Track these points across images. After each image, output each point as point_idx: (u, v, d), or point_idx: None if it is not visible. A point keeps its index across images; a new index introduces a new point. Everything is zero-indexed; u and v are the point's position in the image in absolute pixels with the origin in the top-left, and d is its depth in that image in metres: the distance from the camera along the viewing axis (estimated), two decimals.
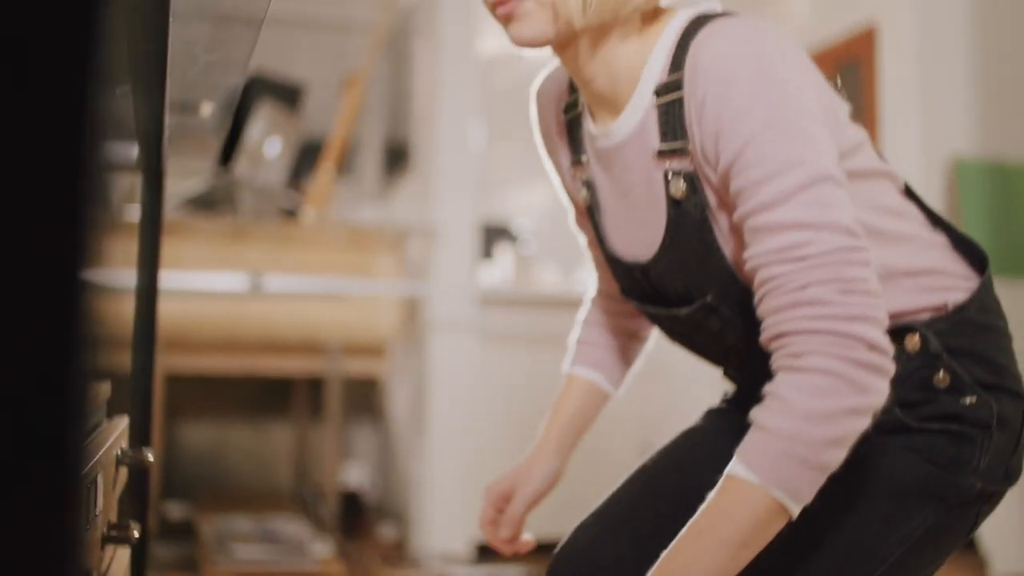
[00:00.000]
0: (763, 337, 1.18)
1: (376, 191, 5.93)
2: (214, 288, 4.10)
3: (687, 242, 1.31)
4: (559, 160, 1.55)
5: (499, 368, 4.53)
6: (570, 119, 1.49)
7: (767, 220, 1.16)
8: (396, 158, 5.70)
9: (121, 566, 1.57)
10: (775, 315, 1.15)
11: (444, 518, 4.45)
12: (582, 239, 1.64)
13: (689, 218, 1.29)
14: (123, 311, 2.11)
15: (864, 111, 4.77)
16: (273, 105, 4.69)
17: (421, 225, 4.66)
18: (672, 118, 1.27)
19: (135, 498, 1.81)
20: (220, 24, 1.17)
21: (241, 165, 4.64)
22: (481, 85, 4.72)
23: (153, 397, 1.89)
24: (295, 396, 5.43)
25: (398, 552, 4.50)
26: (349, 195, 5.86)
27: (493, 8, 1.32)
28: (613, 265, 1.49)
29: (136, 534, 1.32)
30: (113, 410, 1.72)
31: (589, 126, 1.42)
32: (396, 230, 4.68)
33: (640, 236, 1.40)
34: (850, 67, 4.89)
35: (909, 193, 1.41)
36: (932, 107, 4.47)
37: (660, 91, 1.28)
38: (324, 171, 4.88)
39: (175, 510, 4.93)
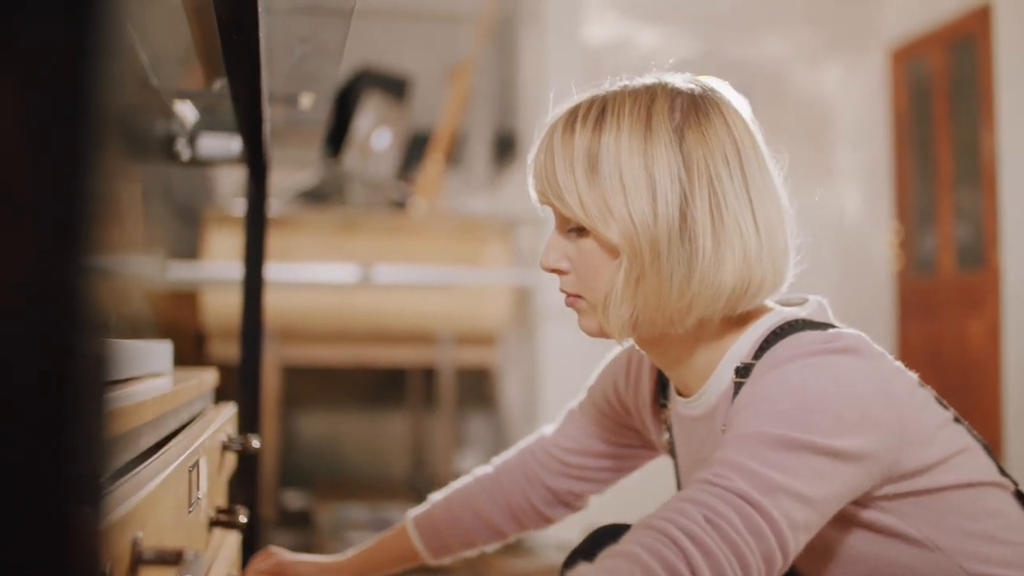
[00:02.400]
0: None
1: (486, 181, 5.95)
2: (326, 280, 4.16)
3: None
4: (641, 395, 1.54)
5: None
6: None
7: (720, 455, 1.15)
8: (505, 147, 5.71)
9: (232, 550, 1.61)
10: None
11: None
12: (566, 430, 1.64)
13: None
14: (232, 303, 2.15)
15: (978, 90, 4.66)
16: (381, 97, 4.73)
17: (530, 214, 4.66)
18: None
19: (244, 484, 1.84)
20: (311, 14, 1.19)
21: (350, 157, 4.69)
22: (587, 72, 4.69)
23: (261, 386, 1.92)
24: (410, 386, 5.47)
25: (515, 541, 4.52)
26: (459, 185, 5.89)
27: (565, 300, 1.32)
28: None
29: (243, 519, 1.35)
30: (226, 399, 1.76)
31: (673, 389, 1.42)
32: (505, 219, 4.69)
33: None
34: (963, 45, 4.78)
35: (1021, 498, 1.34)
36: None
37: (740, 371, 1.27)
38: (433, 162, 4.91)
39: (294, 499, 5.01)
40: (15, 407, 0.39)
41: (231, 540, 1.63)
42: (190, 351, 4.32)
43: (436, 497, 1.70)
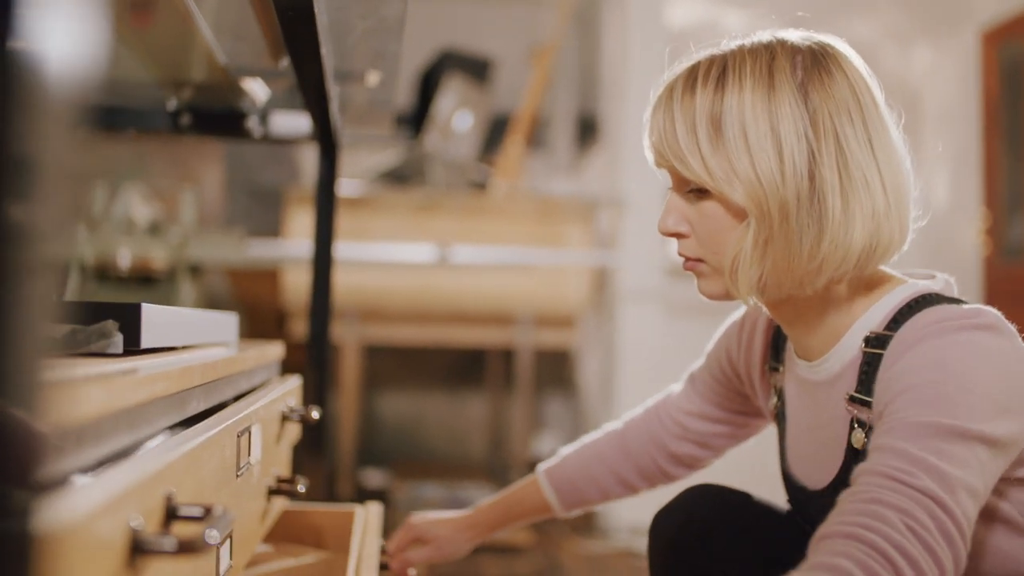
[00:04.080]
0: (817, 533, 1.10)
1: (568, 163, 5.95)
2: (406, 260, 4.19)
3: None
4: (752, 358, 1.54)
5: (687, 338, 4.49)
6: (778, 326, 1.48)
7: (893, 443, 1.11)
8: (587, 130, 5.70)
9: (376, 521, 1.65)
10: (835, 515, 1.09)
11: None
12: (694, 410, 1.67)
13: None
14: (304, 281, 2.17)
15: None
16: (463, 79, 4.75)
17: (610, 196, 4.66)
18: (871, 370, 1.23)
19: (309, 455, 1.87)
20: None
21: (432, 139, 4.72)
22: (670, 55, 4.66)
23: (328, 359, 1.95)
24: (489, 367, 5.50)
25: (587, 523, 4.54)
26: (542, 168, 5.90)
27: (684, 263, 1.32)
28: (784, 477, 1.48)
29: (302, 488, 1.38)
30: (302, 374, 1.79)
31: (792, 352, 1.40)
32: (586, 201, 4.68)
33: (815, 466, 1.38)
34: None
35: None
36: None
37: (871, 341, 1.24)
38: (513, 144, 4.92)
39: (373, 477, 5.07)
40: None
41: (375, 510, 1.67)
42: (271, 328, 4.38)
43: (567, 451, 1.73)
